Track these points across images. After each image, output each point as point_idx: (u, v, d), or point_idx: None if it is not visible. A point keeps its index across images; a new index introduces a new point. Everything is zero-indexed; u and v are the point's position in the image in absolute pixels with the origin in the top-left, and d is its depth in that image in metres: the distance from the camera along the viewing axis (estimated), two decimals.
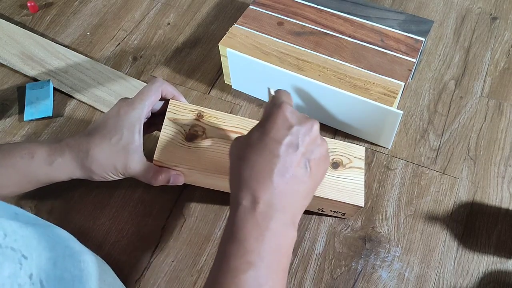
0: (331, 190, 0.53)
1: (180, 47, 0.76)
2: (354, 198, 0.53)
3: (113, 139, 0.49)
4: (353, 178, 0.54)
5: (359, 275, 0.54)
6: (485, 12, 0.80)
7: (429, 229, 0.57)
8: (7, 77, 0.72)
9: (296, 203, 0.41)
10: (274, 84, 0.64)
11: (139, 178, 0.51)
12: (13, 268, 0.31)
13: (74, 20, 0.81)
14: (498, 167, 0.62)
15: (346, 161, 0.55)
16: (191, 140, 0.53)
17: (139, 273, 0.54)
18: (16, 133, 0.66)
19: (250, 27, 0.66)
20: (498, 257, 0.55)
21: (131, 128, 0.49)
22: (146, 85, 0.52)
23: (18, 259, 0.32)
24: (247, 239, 0.38)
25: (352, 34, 0.65)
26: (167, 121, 0.53)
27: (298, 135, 0.41)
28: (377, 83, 0.60)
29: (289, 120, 0.41)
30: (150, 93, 0.51)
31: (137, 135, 0.49)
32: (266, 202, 0.39)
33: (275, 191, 0.39)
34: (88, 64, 0.73)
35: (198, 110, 0.55)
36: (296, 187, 0.40)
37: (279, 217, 0.39)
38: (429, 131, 0.65)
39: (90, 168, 0.49)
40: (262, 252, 0.38)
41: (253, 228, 0.38)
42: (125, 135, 0.49)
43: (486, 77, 0.71)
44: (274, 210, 0.39)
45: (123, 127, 0.49)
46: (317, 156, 0.42)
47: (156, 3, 0.83)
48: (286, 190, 0.40)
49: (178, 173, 0.52)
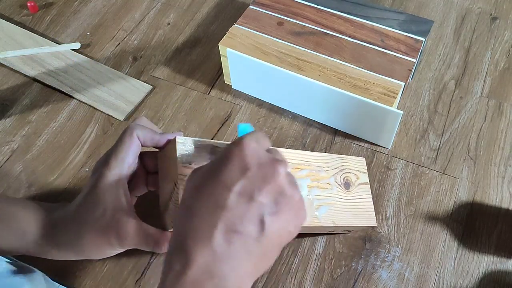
0: (349, 216, 0.50)
1: (180, 47, 0.76)
2: (367, 219, 0.52)
3: (96, 214, 0.41)
4: (362, 197, 0.53)
5: (359, 275, 0.54)
6: (485, 12, 0.80)
7: (429, 229, 0.57)
8: (7, 77, 0.72)
9: (242, 269, 0.32)
10: (274, 84, 0.64)
11: (141, 248, 0.43)
12: None
13: (74, 20, 0.81)
14: (498, 167, 0.62)
15: (354, 178, 0.53)
16: None
17: (139, 273, 0.54)
18: (16, 133, 0.66)
19: (250, 27, 0.66)
20: (498, 257, 0.55)
21: (112, 192, 0.41)
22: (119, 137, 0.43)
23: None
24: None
25: (352, 34, 0.65)
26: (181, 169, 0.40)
27: (254, 181, 0.32)
28: (377, 83, 0.60)
29: (247, 161, 0.32)
30: (124, 145, 0.42)
31: (123, 198, 0.41)
32: (201, 267, 0.31)
33: (215, 253, 0.31)
34: (88, 64, 0.73)
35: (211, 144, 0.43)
36: (244, 249, 0.32)
37: (217, 286, 0.31)
38: (429, 131, 0.65)
39: (83, 253, 0.43)
40: None
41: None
42: (108, 204, 0.41)
43: (486, 77, 0.71)
44: (210, 277, 0.31)
45: (103, 194, 0.41)
46: (280, 210, 0.33)
47: (156, 3, 0.83)
48: (229, 253, 0.31)
49: None
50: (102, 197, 0.41)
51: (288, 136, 0.65)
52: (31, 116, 0.68)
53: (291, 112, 0.68)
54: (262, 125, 0.66)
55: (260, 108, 0.68)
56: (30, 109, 0.69)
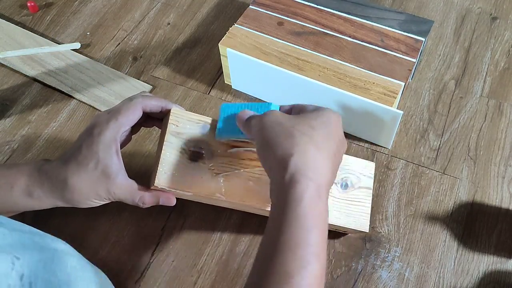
0: (339, 215, 0.51)
1: (180, 47, 0.76)
2: (360, 222, 0.52)
3: (90, 165, 0.45)
4: (361, 200, 0.52)
5: (359, 275, 0.54)
6: (485, 12, 0.80)
7: (429, 229, 0.57)
8: (7, 77, 0.72)
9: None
10: (274, 84, 0.64)
11: (125, 202, 0.48)
12: (5, 268, 0.31)
13: (74, 20, 0.81)
14: (498, 167, 0.62)
15: (355, 180, 0.53)
16: (196, 160, 0.48)
17: (139, 273, 0.54)
18: (16, 133, 0.66)
19: (250, 27, 0.66)
20: (498, 257, 0.55)
21: (107, 150, 0.45)
22: (125, 101, 0.49)
23: (10, 259, 0.31)
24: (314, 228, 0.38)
25: (352, 34, 0.65)
26: (168, 137, 0.47)
27: (337, 132, 0.44)
28: (377, 83, 0.60)
29: (340, 128, 0.44)
30: (128, 112, 0.47)
31: (115, 156, 0.46)
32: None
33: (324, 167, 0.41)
34: (88, 64, 0.73)
35: (203, 120, 0.49)
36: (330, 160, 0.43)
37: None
38: (429, 131, 0.65)
39: (71, 198, 0.47)
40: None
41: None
42: (101, 159, 0.45)
43: (486, 77, 0.71)
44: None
45: (98, 150, 0.45)
46: (341, 147, 0.45)
47: (156, 3, 0.83)
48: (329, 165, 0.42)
49: (168, 195, 0.49)
50: (97, 151, 0.45)
51: None
52: (31, 116, 0.68)
53: None
54: None
55: None
56: (30, 109, 0.69)
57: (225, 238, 0.56)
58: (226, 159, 0.48)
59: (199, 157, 0.48)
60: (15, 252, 0.32)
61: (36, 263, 0.34)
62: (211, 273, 0.54)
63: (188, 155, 0.47)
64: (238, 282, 0.53)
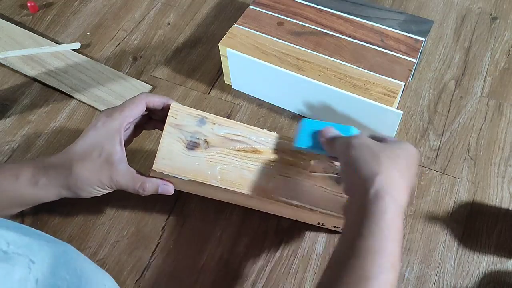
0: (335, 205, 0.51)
1: (180, 47, 0.76)
2: None
3: (94, 154, 0.48)
4: None
5: None
6: (485, 12, 0.80)
7: (429, 229, 0.57)
8: (7, 77, 0.72)
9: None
10: (274, 84, 0.64)
11: (127, 189, 0.50)
12: (24, 273, 0.31)
13: (74, 20, 0.81)
14: (498, 167, 0.62)
15: None
16: (192, 149, 0.50)
17: (139, 273, 0.54)
18: (16, 133, 0.66)
19: (250, 27, 0.66)
20: (498, 257, 0.55)
21: (111, 140, 0.48)
22: (129, 99, 0.51)
23: (27, 263, 0.31)
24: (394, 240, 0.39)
25: (352, 34, 0.65)
26: (167, 127, 0.50)
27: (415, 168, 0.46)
28: (377, 83, 0.60)
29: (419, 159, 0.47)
30: (132, 105, 0.50)
31: (118, 146, 0.49)
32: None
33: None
34: (88, 64, 0.73)
35: (201, 115, 0.52)
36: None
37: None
38: (429, 131, 0.65)
39: (75, 185, 0.49)
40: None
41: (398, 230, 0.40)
42: (105, 147, 0.48)
43: (486, 77, 0.71)
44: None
45: (103, 139, 0.48)
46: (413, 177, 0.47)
47: (156, 3, 0.83)
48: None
49: (167, 183, 0.51)
50: (102, 140, 0.48)
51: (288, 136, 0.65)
52: (31, 116, 0.68)
53: (291, 112, 0.68)
54: (262, 125, 0.66)
55: (260, 108, 0.68)
56: (30, 109, 0.69)
57: (225, 238, 0.56)
58: (221, 149, 0.51)
59: (195, 147, 0.51)
60: (30, 255, 0.32)
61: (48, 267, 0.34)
62: (211, 273, 0.54)
63: (185, 144, 0.50)
64: (238, 282, 0.53)
